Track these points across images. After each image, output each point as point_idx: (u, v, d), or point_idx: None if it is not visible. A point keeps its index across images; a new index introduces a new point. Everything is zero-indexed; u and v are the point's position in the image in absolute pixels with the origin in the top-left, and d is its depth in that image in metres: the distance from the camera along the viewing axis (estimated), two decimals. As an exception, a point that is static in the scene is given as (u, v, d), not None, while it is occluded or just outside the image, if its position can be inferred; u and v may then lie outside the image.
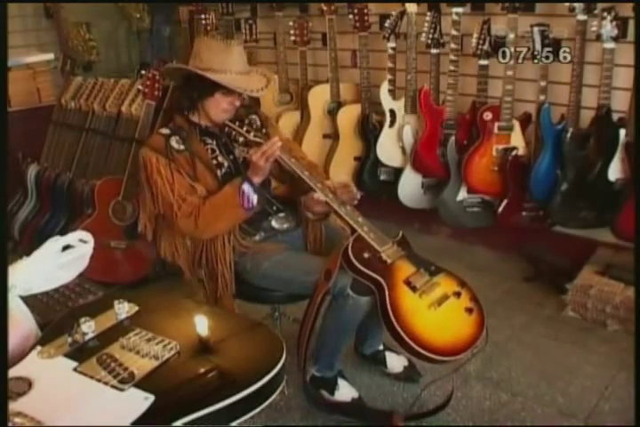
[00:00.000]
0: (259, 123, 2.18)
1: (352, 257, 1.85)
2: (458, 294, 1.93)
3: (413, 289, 1.86)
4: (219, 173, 2.05)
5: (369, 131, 3.27)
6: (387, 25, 3.03)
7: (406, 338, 1.77)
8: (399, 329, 1.78)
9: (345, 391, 2.12)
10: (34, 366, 1.28)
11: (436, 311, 1.85)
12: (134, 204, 2.91)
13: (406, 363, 2.28)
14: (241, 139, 2.03)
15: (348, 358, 2.32)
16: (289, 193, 2.18)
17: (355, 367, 2.31)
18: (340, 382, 2.13)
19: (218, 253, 2.04)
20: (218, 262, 2.05)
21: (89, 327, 1.37)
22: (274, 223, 2.12)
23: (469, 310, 1.91)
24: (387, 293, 1.82)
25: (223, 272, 2.06)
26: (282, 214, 2.13)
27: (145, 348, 1.32)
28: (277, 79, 3.42)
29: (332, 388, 2.11)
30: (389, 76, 3.13)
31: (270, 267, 2.02)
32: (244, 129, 1.98)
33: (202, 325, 1.33)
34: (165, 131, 2.03)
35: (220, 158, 2.07)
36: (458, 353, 1.82)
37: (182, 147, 2.00)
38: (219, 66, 1.96)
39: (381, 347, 2.31)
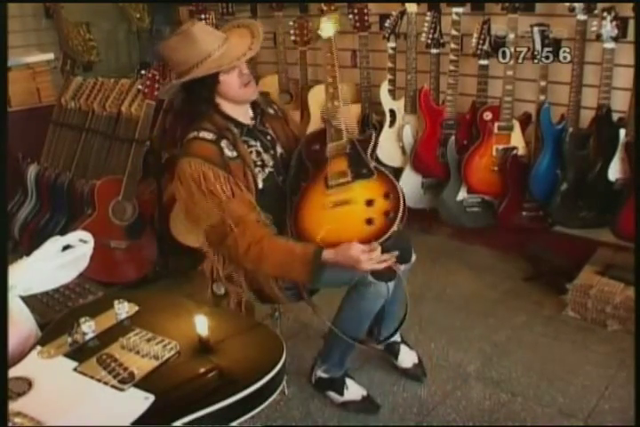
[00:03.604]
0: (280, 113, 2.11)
1: (304, 146, 2.01)
2: (369, 203, 1.90)
3: (326, 185, 1.92)
4: (262, 175, 1.93)
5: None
6: (387, 25, 3.03)
7: (292, 220, 1.91)
8: (293, 210, 1.92)
9: (354, 390, 2.12)
10: (34, 366, 1.28)
11: (328, 211, 1.90)
12: (134, 204, 2.92)
13: (416, 360, 2.29)
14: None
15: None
16: None
17: (354, 368, 2.31)
18: (348, 381, 2.13)
19: None
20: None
21: (89, 327, 1.37)
22: None
23: (369, 221, 1.86)
24: (309, 181, 1.95)
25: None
26: None
27: (145, 348, 1.32)
28: (277, 79, 3.42)
29: (341, 388, 2.11)
30: (389, 76, 3.13)
31: None
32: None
33: (202, 325, 1.33)
34: (209, 135, 1.84)
35: (265, 157, 1.96)
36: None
37: (235, 153, 1.85)
38: (196, 57, 1.80)
39: (399, 339, 2.30)
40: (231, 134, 1.87)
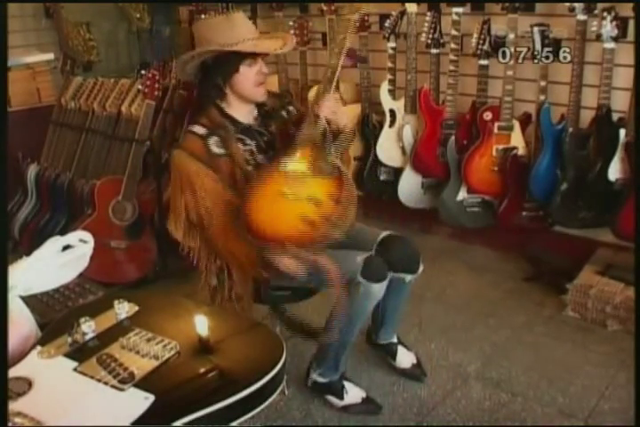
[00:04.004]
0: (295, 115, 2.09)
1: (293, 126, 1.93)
2: (316, 202, 1.78)
3: (283, 171, 1.82)
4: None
5: (369, 131, 3.27)
6: (387, 25, 3.03)
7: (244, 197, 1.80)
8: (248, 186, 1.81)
9: (354, 393, 2.11)
10: (34, 366, 1.28)
11: (273, 197, 1.79)
12: (134, 204, 2.92)
13: (415, 361, 2.28)
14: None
15: (346, 360, 2.32)
16: None
17: (354, 369, 2.31)
18: (347, 384, 2.12)
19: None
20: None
21: (89, 327, 1.37)
22: None
23: (308, 222, 1.76)
24: (270, 163, 1.85)
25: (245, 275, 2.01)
26: None
27: (145, 348, 1.32)
28: (278, 78, 3.43)
29: (340, 392, 2.09)
30: (389, 76, 3.13)
31: None
32: None
33: (202, 325, 1.33)
34: (201, 130, 1.87)
35: (259, 157, 1.94)
36: (261, 238, 1.81)
37: (222, 151, 1.85)
38: (230, 39, 1.82)
39: (396, 340, 2.29)
40: (224, 132, 1.88)
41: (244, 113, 1.97)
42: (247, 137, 1.94)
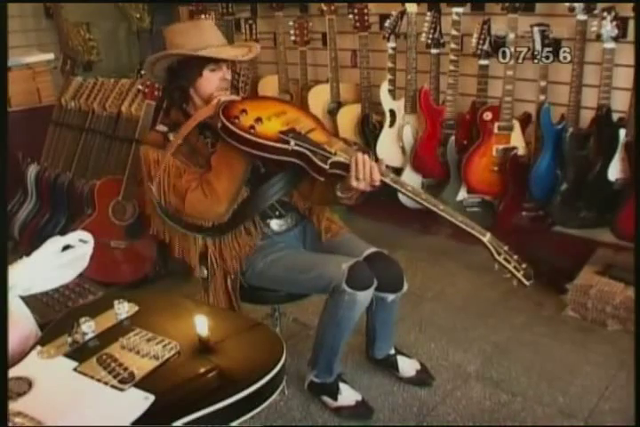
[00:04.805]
0: None
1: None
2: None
3: None
4: None
5: (369, 131, 3.27)
6: (387, 25, 3.04)
7: None
8: None
9: (348, 395, 2.10)
10: (34, 366, 1.28)
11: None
12: (134, 204, 2.92)
13: (418, 367, 2.26)
14: None
15: (347, 359, 2.32)
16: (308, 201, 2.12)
17: (354, 369, 2.31)
18: (342, 386, 2.12)
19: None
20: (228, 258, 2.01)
21: (89, 327, 1.37)
22: (273, 225, 2.08)
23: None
24: None
25: (233, 267, 2.03)
26: (283, 218, 2.10)
27: (145, 348, 1.32)
28: (278, 78, 3.44)
29: (335, 393, 2.10)
30: (389, 76, 3.13)
31: (265, 267, 2.01)
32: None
33: (202, 325, 1.33)
34: (162, 128, 1.97)
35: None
36: None
37: (180, 141, 1.91)
38: (196, 44, 1.89)
39: (393, 351, 2.28)
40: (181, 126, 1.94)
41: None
42: (207, 130, 1.97)
